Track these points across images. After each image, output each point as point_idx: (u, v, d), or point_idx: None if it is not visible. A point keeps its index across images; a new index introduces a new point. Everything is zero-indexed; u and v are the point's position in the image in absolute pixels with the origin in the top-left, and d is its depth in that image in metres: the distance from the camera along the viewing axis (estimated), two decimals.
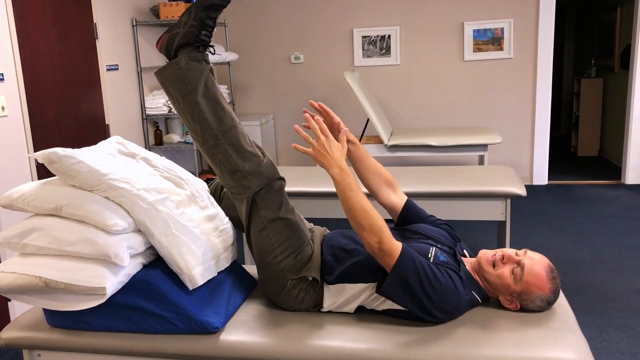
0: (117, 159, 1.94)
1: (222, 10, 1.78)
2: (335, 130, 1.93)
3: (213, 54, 1.86)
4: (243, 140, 1.80)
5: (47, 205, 1.72)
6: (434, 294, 1.63)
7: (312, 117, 1.75)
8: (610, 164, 6.55)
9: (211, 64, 1.83)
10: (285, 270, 1.81)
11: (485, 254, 1.78)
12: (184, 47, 1.78)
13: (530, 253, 1.75)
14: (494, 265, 1.74)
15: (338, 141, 1.77)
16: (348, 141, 1.91)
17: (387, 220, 1.97)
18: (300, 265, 1.83)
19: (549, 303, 1.74)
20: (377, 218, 1.62)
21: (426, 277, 1.62)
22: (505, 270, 1.71)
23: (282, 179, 1.85)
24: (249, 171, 1.78)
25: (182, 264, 1.73)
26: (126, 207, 1.73)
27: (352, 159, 1.97)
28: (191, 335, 1.75)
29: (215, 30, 1.75)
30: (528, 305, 1.73)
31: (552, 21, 5.43)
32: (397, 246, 1.63)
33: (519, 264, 1.71)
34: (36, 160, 3.30)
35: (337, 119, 1.93)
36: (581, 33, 8.11)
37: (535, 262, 1.71)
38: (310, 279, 1.83)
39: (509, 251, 1.76)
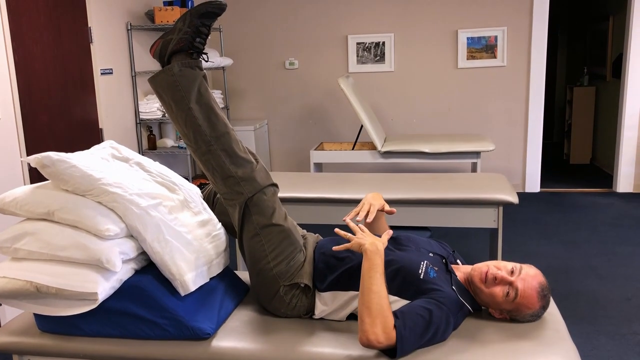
0: (110, 163, 1.94)
1: (217, 18, 1.78)
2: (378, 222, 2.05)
3: (206, 61, 1.86)
4: (236, 147, 1.80)
5: (39, 210, 1.71)
6: (438, 331, 1.63)
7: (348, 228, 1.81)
8: (602, 172, 6.59)
9: (204, 71, 1.84)
10: (278, 277, 1.81)
11: (479, 269, 1.76)
12: (177, 53, 1.78)
13: (524, 270, 1.72)
14: (485, 282, 1.73)
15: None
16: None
17: (393, 227, 1.97)
18: (293, 272, 1.83)
19: (539, 316, 1.76)
20: (388, 307, 1.58)
21: (426, 329, 1.60)
22: (498, 290, 1.70)
23: (275, 185, 1.85)
24: (242, 177, 1.78)
25: (175, 270, 1.73)
26: (119, 212, 1.72)
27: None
28: (183, 341, 1.75)
29: (209, 37, 1.76)
30: (518, 319, 1.75)
31: (545, 30, 5.48)
32: (391, 333, 1.55)
33: (511, 285, 1.69)
34: (29, 164, 3.28)
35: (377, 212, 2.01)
36: (574, 42, 8.18)
37: (528, 285, 1.69)
38: (302, 285, 1.83)
39: (502, 268, 1.72)
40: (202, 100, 1.77)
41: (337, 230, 1.75)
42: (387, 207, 2.02)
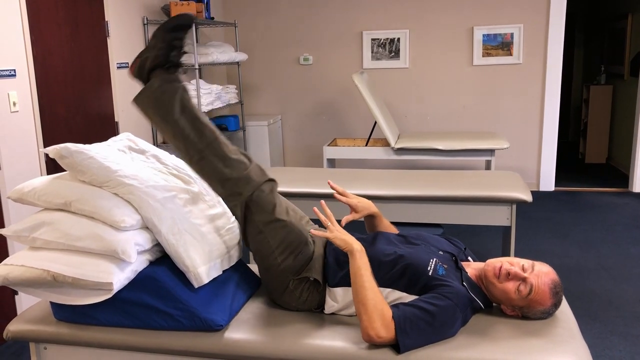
0: (127, 155, 1.97)
1: (189, 30, 1.80)
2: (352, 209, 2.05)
3: (185, 73, 1.86)
4: (227, 150, 1.81)
5: (57, 200, 1.75)
6: (444, 326, 1.63)
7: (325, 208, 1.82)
8: (618, 171, 6.53)
9: (184, 83, 1.85)
10: (286, 271, 1.83)
11: (493, 265, 1.77)
12: (155, 70, 1.80)
13: (537, 267, 1.72)
14: (499, 277, 1.74)
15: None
16: (371, 216, 2.08)
17: (394, 223, 1.98)
18: (301, 266, 1.84)
19: (550, 314, 1.76)
20: (382, 301, 1.63)
21: (430, 323, 1.61)
22: (511, 286, 1.71)
23: (272, 180, 1.85)
24: (237, 178, 1.79)
25: (189, 262, 1.75)
26: (135, 204, 1.75)
27: (374, 227, 2.12)
28: (195, 332, 1.77)
29: (185, 50, 1.79)
30: (529, 316, 1.75)
31: (562, 27, 5.42)
32: (390, 325, 1.59)
33: (525, 281, 1.70)
34: (46, 155, 3.33)
35: (353, 202, 2.02)
36: (591, 40, 8.09)
37: (541, 282, 1.70)
38: (312, 279, 1.84)
39: (516, 264, 1.74)
40: (185, 111, 1.79)
41: (312, 231, 1.77)
42: (380, 223, 2.08)
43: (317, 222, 3.33)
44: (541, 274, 1.71)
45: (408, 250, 1.82)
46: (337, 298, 1.83)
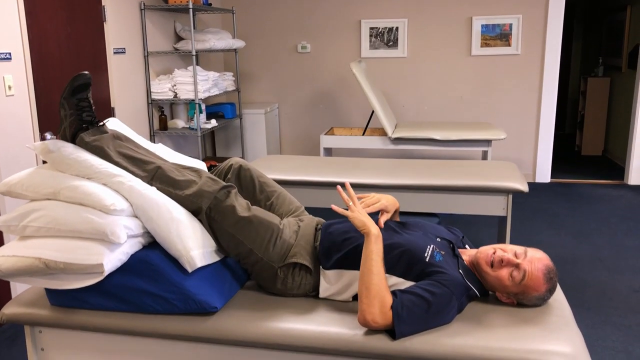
0: None
1: (89, 88, 1.85)
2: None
3: (103, 125, 1.93)
4: (173, 174, 1.87)
5: (45, 190, 1.75)
6: (440, 313, 1.64)
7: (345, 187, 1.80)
8: (613, 164, 6.54)
9: (110, 131, 1.93)
10: (271, 262, 1.84)
11: (485, 252, 1.78)
12: (77, 135, 1.86)
13: (530, 253, 1.73)
14: (492, 265, 1.74)
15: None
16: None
17: (401, 213, 1.97)
18: (284, 252, 1.86)
19: (545, 300, 1.76)
20: (385, 288, 1.64)
21: (426, 310, 1.62)
22: (504, 273, 1.71)
23: (227, 186, 1.88)
24: (191, 195, 1.84)
25: (181, 247, 1.75)
26: (124, 194, 1.77)
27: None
28: (190, 316, 1.77)
29: (93, 106, 1.87)
30: (524, 302, 1.76)
31: (561, 19, 5.41)
32: (387, 312, 1.60)
33: (518, 267, 1.70)
34: (43, 137, 3.31)
35: (383, 205, 1.97)
36: (590, 32, 8.08)
37: (534, 267, 1.70)
38: (299, 263, 1.85)
39: (508, 251, 1.74)
40: (121, 155, 1.88)
41: (333, 206, 1.79)
42: (382, 219, 1.98)
43: (311, 211, 3.32)
44: (534, 259, 1.71)
45: (406, 237, 1.83)
46: (331, 280, 1.84)
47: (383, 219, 1.93)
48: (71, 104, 1.83)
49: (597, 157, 6.95)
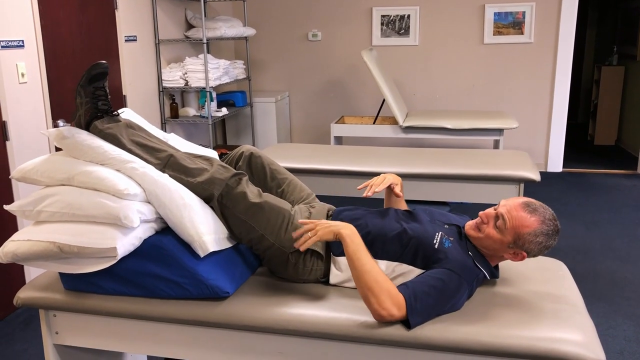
0: None
1: (106, 77, 1.87)
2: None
3: (118, 115, 1.95)
4: (185, 162, 1.89)
5: (59, 176, 1.78)
6: (451, 300, 1.65)
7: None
8: (627, 153, 6.48)
9: (124, 120, 1.95)
10: (282, 247, 1.85)
11: (468, 223, 1.83)
12: (91, 123, 1.89)
13: (503, 201, 1.76)
14: (479, 229, 1.77)
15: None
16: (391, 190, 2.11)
17: (411, 201, 1.97)
18: (295, 238, 1.86)
19: (547, 235, 1.69)
20: (386, 279, 1.62)
21: (438, 299, 1.62)
22: (490, 229, 1.74)
23: (238, 174, 1.89)
24: (204, 182, 1.85)
25: (193, 232, 1.76)
26: (137, 179, 1.79)
27: (390, 202, 2.18)
28: (202, 301, 1.78)
29: (109, 95, 1.89)
30: (530, 248, 1.71)
31: (575, 6, 5.34)
32: (401, 303, 1.59)
33: (497, 216, 1.73)
34: (56, 124, 3.34)
35: (389, 180, 2.08)
36: (604, 20, 7.97)
37: (511, 206, 1.72)
38: (310, 249, 1.85)
39: (486, 210, 1.79)
40: (134, 143, 1.90)
41: (300, 220, 1.77)
42: (397, 189, 2.06)
43: (322, 199, 3.33)
44: (509, 201, 1.75)
45: (414, 225, 1.83)
46: (341, 267, 1.85)
47: (397, 189, 2.06)
48: (87, 92, 1.85)
49: (610, 146, 6.88)
